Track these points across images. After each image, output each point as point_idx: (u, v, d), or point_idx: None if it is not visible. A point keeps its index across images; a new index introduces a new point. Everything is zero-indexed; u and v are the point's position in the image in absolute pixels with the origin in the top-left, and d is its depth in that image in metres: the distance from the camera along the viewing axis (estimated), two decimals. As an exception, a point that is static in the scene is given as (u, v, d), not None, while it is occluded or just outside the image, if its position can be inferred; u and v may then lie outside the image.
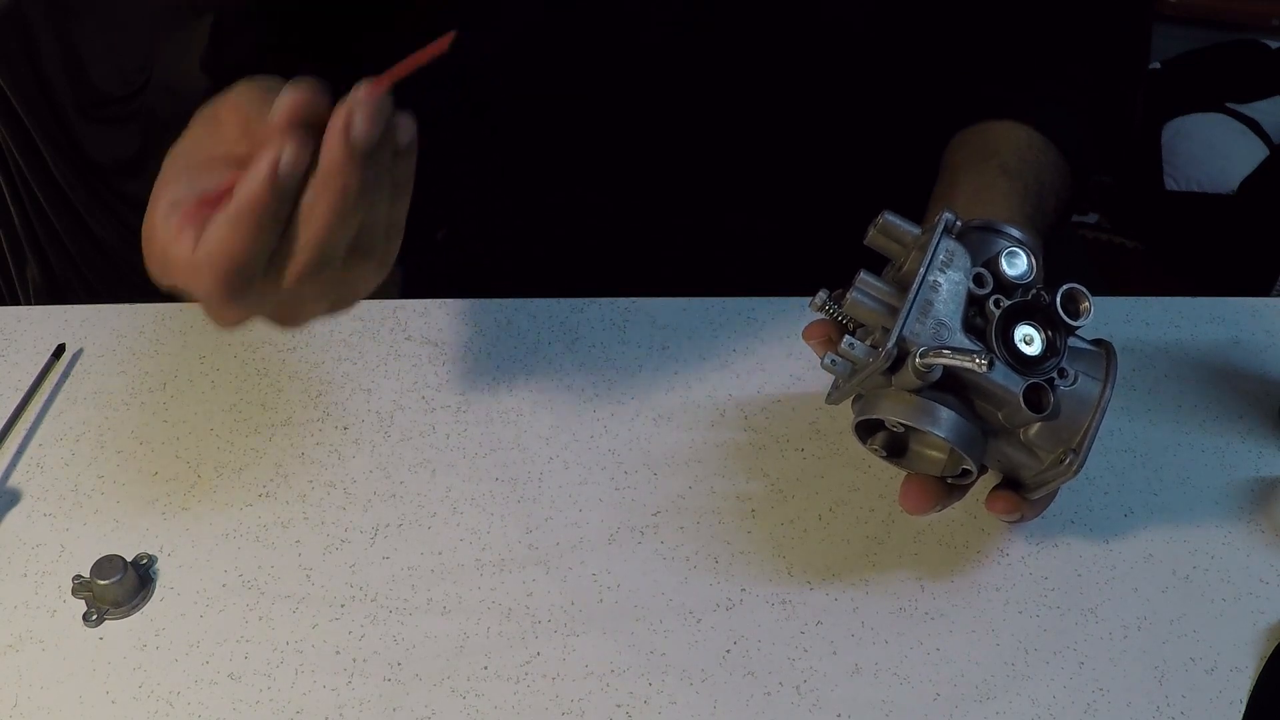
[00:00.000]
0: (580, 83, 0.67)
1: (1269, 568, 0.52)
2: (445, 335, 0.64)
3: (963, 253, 0.46)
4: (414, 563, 0.52)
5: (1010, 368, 0.44)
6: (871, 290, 0.46)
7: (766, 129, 0.69)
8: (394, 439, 0.58)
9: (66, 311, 0.66)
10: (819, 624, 0.50)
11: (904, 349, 0.44)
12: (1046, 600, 0.51)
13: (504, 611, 0.50)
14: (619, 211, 0.74)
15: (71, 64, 0.97)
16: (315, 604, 0.51)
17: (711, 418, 0.59)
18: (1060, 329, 0.45)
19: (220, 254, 0.41)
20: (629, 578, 0.52)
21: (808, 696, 0.47)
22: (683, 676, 0.48)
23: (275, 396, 0.60)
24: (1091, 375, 0.46)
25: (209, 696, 0.47)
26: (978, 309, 0.45)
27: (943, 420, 0.44)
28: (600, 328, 0.64)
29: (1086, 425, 0.45)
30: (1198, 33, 1.81)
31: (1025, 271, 0.46)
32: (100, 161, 1.02)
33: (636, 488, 0.56)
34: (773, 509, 0.55)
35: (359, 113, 0.41)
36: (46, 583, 0.51)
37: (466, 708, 0.47)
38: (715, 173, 0.71)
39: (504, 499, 0.55)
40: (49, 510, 0.55)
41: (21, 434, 0.58)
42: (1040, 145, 0.61)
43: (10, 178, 1.02)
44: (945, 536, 0.53)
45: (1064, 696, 0.47)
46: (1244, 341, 0.63)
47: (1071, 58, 0.66)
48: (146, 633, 0.50)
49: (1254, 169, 1.66)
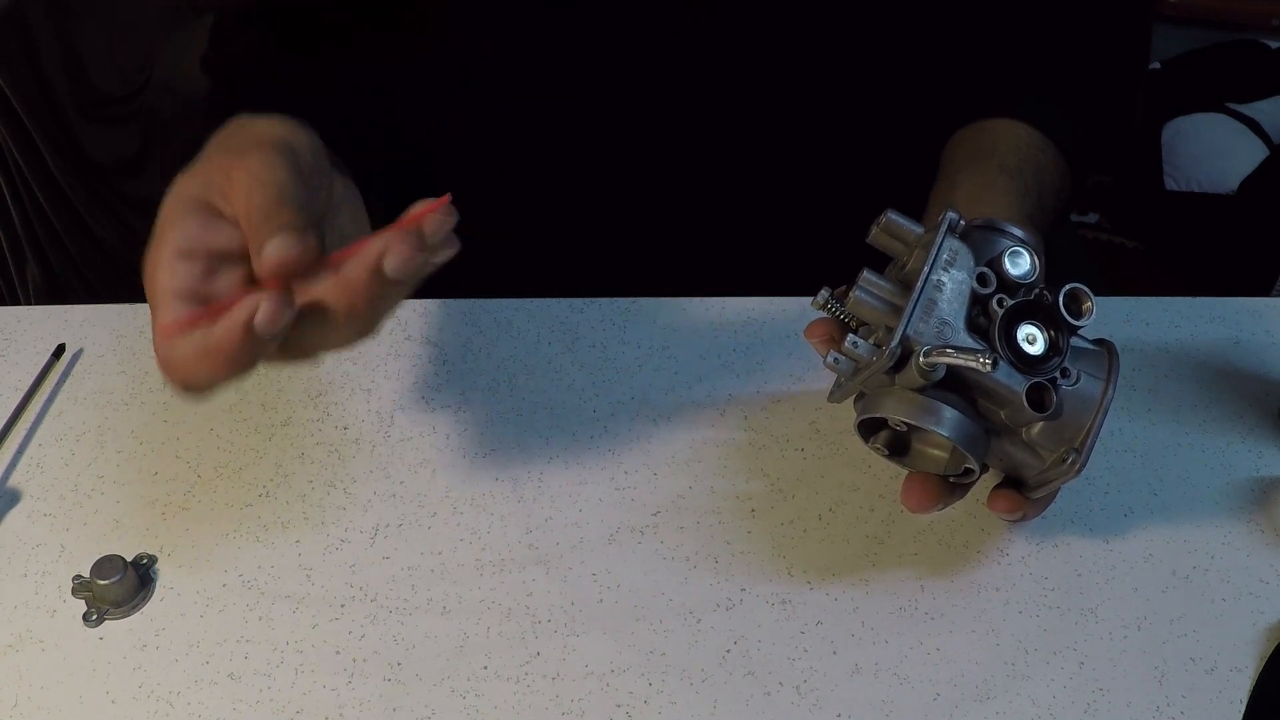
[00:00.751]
0: (580, 82, 0.67)
1: (1269, 568, 0.52)
2: (445, 335, 0.64)
3: (966, 252, 0.46)
4: (414, 563, 0.52)
5: (1013, 367, 0.44)
6: (875, 289, 0.46)
7: (766, 128, 0.69)
8: (394, 439, 0.58)
9: (66, 311, 0.66)
10: (819, 624, 0.50)
11: (908, 348, 0.44)
12: (1046, 600, 0.51)
13: (504, 611, 0.50)
14: (619, 211, 0.74)
15: (71, 64, 0.98)
16: (315, 604, 0.51)
17: (711, 418, 0.59)
18: (1063, 328, 0.45)
19: (184, 372, 0.41)
20: (629, 578, 0.52)
21: (808, 696, 0.47)
22: (683, 676, 0.48)
23: (275, 396, 0.60)
24: (1094, 375, 0.46)
25: (209, 696, 0.47)
26: (981, 308, 0.45)
27: (946, 419, 0.44)
28: (600, 328, 0.64)
29: (1089, 425, 0.45)
30: (1198, 33, 1.81)
31: (1029, 271, 0.46)
32: (100, 161, 1.03)
33: (636, 488, 0.56)
34: (773, 509, 0.55)
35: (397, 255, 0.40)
36: (46, 583, 0.51)
37: (466, 708, 0.47)
38: (715, 172, 0.71)
39: (504, 499, 0.55)
40: (49, 510, 0.55)
41: (21, 434, 0.59)
42: (1039, 144, 0.61)
43: (10, 178, 1.02)
44: (945, 536, 0.53)
45: (1064, 696, 0.47)
46: (1244, 341, 0.63)
47: (1071, 58, 0.66)
48: (146, 633, 0.50)
49: (1254, 169, 1.66)
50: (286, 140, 0.44)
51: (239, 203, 0.42)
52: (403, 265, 0.41)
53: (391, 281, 0.41)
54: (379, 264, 0.41)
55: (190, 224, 0.42)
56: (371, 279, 0.41)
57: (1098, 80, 0.65)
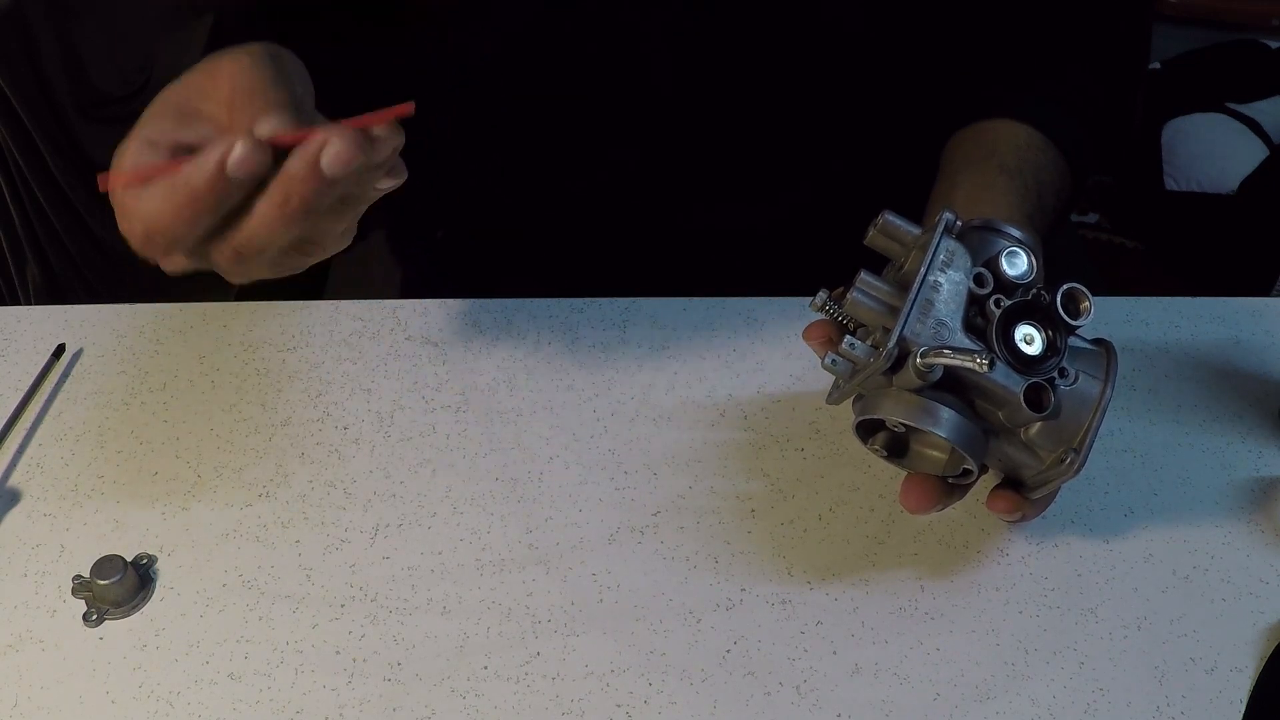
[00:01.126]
0: (580, 82, 0.67)
1: (1269, 568, 0.52)
2: (445, 335, 0.64)
3: (963, 252, 0.46)
4: (414, 563, 0.52)
5: (1011, 367, 0.44)
6: (872, 290, 0.46)
7: (766, 128, 0.69)
8: (394, 439, 0.58)
9: (66, 311, 0.66)
10: (819, 624, 0.50)
11: (905, 349, 0.44)
12: (1046, 600, 0.51)
13: (504, 611, 0.50)
14: (619, 211, 0.74)
15: (71, 64, 0.97)
16: (315, 604, 0.51)
17: (711, 418, 0.59)
18: (1060, 328, 0.45)
19: (148, 218, 0.41)
20: (629, 578, 0.52)
21: (808, 696, 0.47)
22: (683, 676, 0.48)
23: (275, 396, 0.60)
24: (1092, 374, 0.46)
25: (209, 696, 0.47)
26: (978, 309, 0.45)
27: (944, 420, 0.44)
28: (600, 328, 0.64)
29: (1087, 424, 0.45)
30: (1198, 33, 1.81)
31: (1026, 271, 0.46)
32: (100, 161, 1.03)
33: (636, 488, 0.56)
34: (773, 509, 0.55)
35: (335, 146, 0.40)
36: (46, 583, 0.51)
37: (466, 708, 0.47)
38: (715, 172, 0.71)
39: (504, 499, 0.55)
40: (49, 510, 0.55)
41: (21, 434, 0.59)
42: (1039, 144, 0.61)
43: (10, 178, 1.02)
44: (945, 536, 0.53)
45: (1064, 696, 0.47)
46: (1244, 341, 0.63)
47: (1071, 58, 0.66)
48: (146, 633, 0.50)
49: (1254, 169, 1.66)
50: (272, 49, 0.46)
51: (224, 90, 0.43)
52: (340, 162, 0.40)
53: (328, 180, 0.40)
54: (318, 158, 0.40)
55: (165, 121, 0.44)
56: (309, 173, 0.40)
57: (1098, 80, 0.65)
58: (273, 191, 0.41)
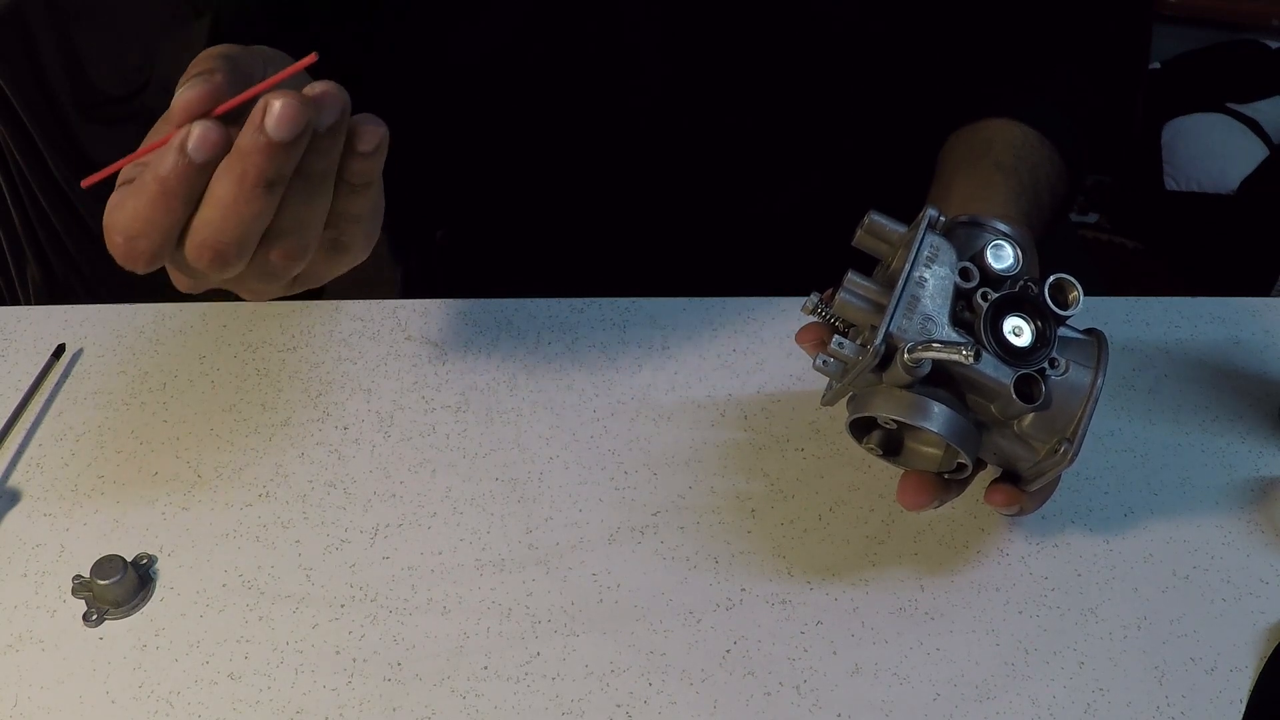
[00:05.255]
0: (579, 82, 0.67)
1: (1269, 568, 0.52)
2: (445, 335, 0.64)
3: (948, 247, 0.46)
4: (414, 563, 0.52)
5: (1000, 359, 0.44)
6: (859, 289, 0.46)
7: (764, 128, 0.69)
8: (394, 439, 0.58)
9: (66, 311, 0.66)
10: (819, 624, 0.50)
11: (892, 345, 0.44)
12: (1046, 600, 0.51)
13: (504, 611, 0.50)
14: (619, 211, 0.74)
15: (71, 64, 0.98)
16: (315, 604, 0.51)
17: (711, 418, 0.59)
18: (1050, 319, 0.45)
19: (125, 225, 0.41)
20: (629, 578, 0.52)
21: (808, 696, 0.47)
22: (683, 676, 0.48)
23: (275, 396, 0.61)
24: (1082, 364, 0.46)
25: (209, 696, 0.47)
26: (966, 303, 0.45)
27: (935, 415, 0.44)
28: (600, 328, 0.64)
29: (1080, 414, 0.45)
30: (1198, 33, 1.81)
31: (1012, 264, 0.46)
32: (100, 161, 1.03)
33: (636, 488, 0.56)
34: (773, 509, 0.55)
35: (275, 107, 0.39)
36: (46, 583, 0.51)
37: (466, 708, 0.47)
38: (714, 172, 0.71)
39: (504, 499, 0.55)
40: (49, 510, 0.55)
41: (21, 434, 0.59)
42: (1035, 142, 0.61)
43: (10, 178, 1.02)
44: (945, 536, 0.53)
45: (1064, 696, 0.47)
46: (1244, 341, 0.63)
47: (1068, 58, 0.66)
48: (146, 633, 0.50)
49: (1254, 169, 1.66)
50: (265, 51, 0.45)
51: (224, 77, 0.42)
52: (285, 121, 0.39)
53: (278, 145, 0.39)
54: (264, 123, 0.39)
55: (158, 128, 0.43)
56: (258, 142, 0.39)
57: (1095, 80, 0.65)
58: (227, 168, 0.40)
